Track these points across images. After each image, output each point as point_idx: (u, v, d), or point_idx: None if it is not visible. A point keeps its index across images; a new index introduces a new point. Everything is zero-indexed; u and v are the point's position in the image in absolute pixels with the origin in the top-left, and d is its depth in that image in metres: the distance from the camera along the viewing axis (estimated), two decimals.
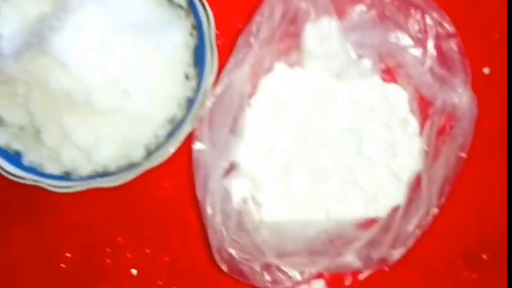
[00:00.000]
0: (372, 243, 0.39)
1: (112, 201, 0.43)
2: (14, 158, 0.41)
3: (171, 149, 0.39)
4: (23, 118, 0.40)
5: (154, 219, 0.43)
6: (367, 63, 0.42)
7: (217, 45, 0.40)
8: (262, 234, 0.40)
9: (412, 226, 0.38)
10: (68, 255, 0.43)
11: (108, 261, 0.43)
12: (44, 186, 0.40)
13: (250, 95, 0.41)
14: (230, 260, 0.38)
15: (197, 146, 0.39)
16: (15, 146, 0.41)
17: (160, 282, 0.43)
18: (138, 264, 0.43)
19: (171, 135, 0.41)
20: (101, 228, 0.43)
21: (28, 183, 0.40)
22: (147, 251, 0.43)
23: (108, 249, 0.43)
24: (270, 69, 0.42)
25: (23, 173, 0.40)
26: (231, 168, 0.41)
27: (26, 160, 0.41)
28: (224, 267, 0.38)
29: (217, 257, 0.38)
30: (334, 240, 0.40)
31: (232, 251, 0.38)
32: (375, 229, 0.39)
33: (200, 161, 0.38)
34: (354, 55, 0.42)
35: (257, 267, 0.38)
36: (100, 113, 0.39)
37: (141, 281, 0.43)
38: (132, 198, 0.43)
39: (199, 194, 0.38)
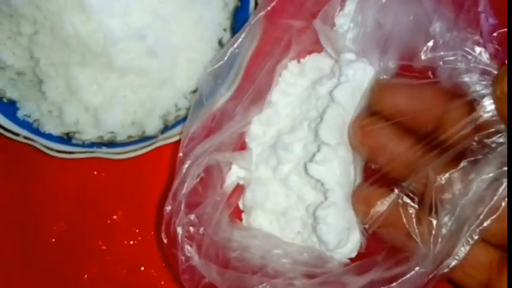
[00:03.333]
0: None
1: (114, 175, 0.39)
2: (8, 108, 0.36)
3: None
4: (24, 63, 0.36)
5: (160, 203, 0.39)
6: None
7: None
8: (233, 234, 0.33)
9: None
10: (56, 229, 0.39)
11: (100, 243, 0.39)
12: (38, 146, 0.36)
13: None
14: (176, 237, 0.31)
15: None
16: (11, 94, 0.37)
17: (154, 274, 0.39)
18: (134, 251, 0.39)
19: None
20: (97, 205, 0.39)
21: (20, 141, 0.36)
22: (146, 237, 0.39)
23: (101, 230, 0.39)
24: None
25: (16, 128, 0.36)
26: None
27: (22, 113, 0.37)
28: (165, 240, 0.31)
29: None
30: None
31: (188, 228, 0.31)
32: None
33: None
34: None
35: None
36: (116, 70, 0.34)
37: (134, 270, 0.39)
38: (138, 175, 0.39)
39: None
